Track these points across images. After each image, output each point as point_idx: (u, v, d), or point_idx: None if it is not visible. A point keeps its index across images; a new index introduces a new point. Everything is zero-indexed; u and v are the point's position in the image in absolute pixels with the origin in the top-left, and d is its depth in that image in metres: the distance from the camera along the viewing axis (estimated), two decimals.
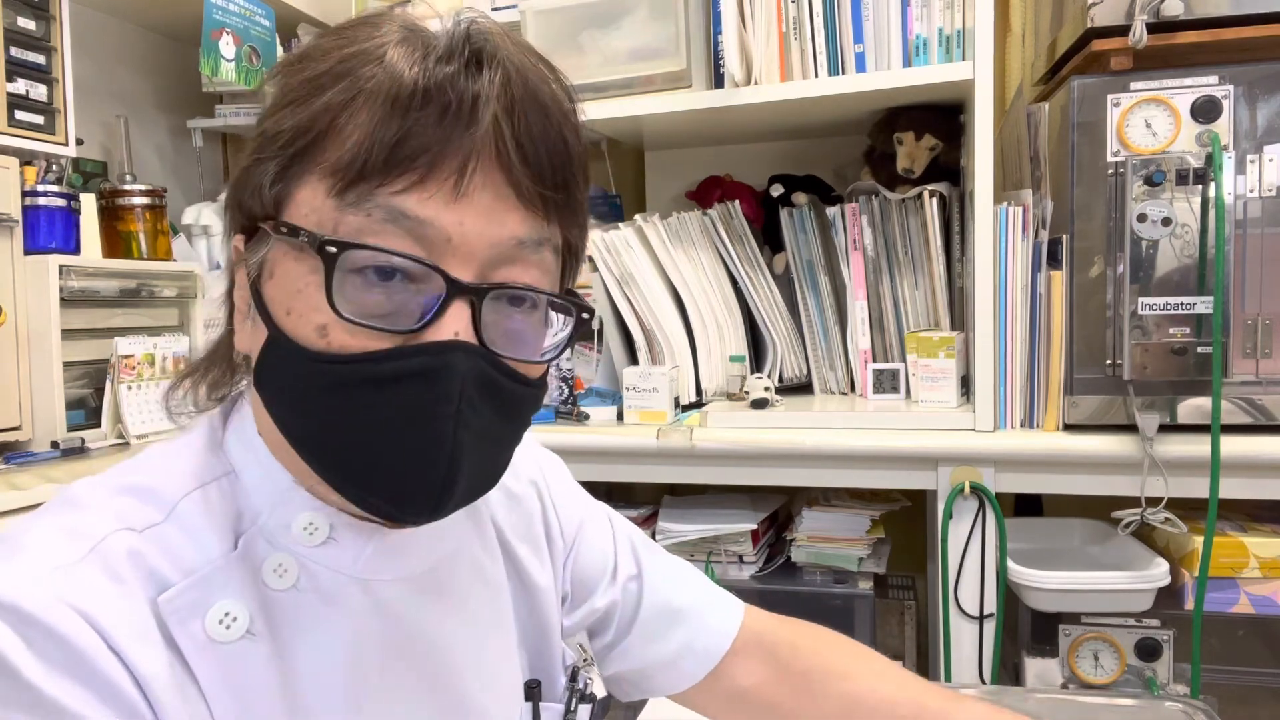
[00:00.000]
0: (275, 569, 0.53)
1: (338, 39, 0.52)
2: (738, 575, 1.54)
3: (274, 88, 0.53)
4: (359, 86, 0.49)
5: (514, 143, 0.51)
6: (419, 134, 0.49)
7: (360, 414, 0.50)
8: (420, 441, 0.50)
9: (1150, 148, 1.26)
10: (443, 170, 0.49)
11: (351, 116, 0.49)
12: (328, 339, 0.50)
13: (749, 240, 1.66)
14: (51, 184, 1.46)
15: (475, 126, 0.50)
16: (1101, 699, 1.13)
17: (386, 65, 0.49)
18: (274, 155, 0.51)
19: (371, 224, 0.49)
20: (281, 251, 0.51)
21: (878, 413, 1.46)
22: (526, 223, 0.52)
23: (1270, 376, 1.25)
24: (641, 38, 1.57)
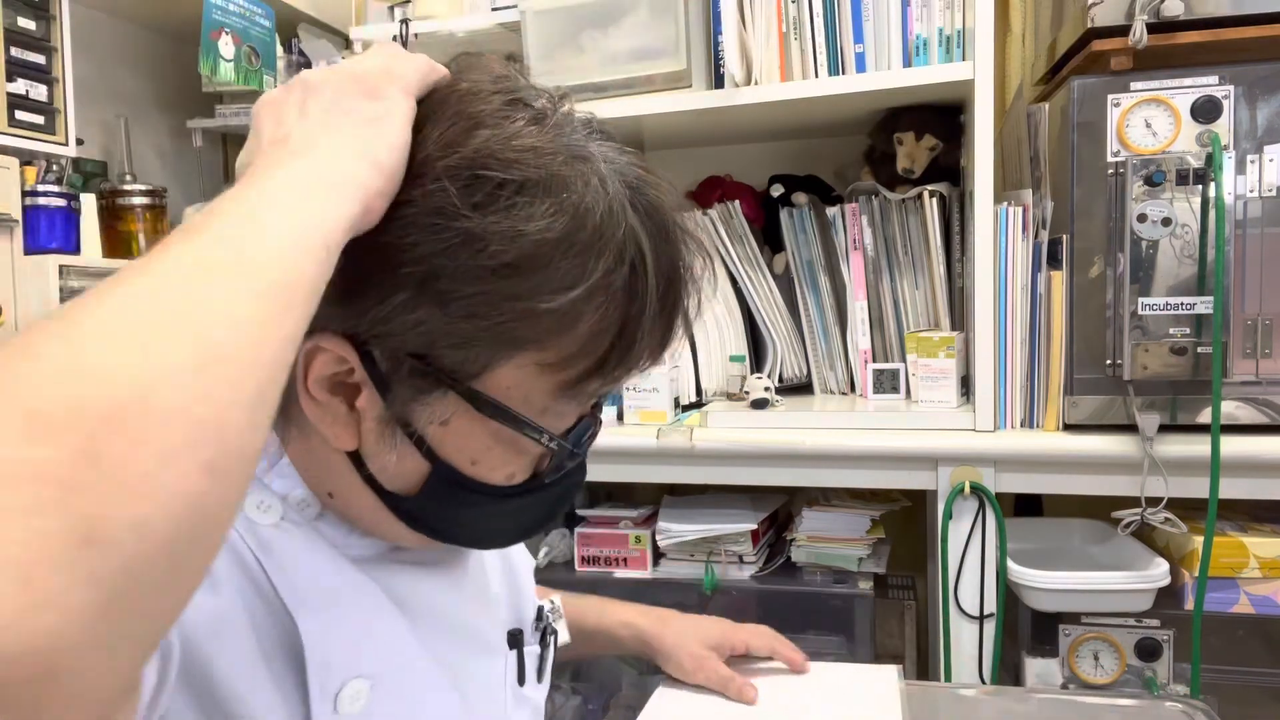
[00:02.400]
0: (259, 505, 0.56)
1: (545, 204, 0.50)
2: (738, 575, 1.54)
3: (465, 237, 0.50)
4: (609, 304, 0.52)
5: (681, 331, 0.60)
6: (648, 343, 0.55)
7: (527, 516, 0.63)
8: (552, 520, 0.75)
9: (1150, 148, 1.26)
10: (644, 362, 0.57)
11: (595, 330, 0.53)
12: (513, 480, 0.59)
13: (749, 240, 1.66)
14: (51, 184, 1.46)
15: (676, 328, 0.58)
16: (1101, 699, 1.13)
17: (641, 285, 0.53)
18: (483, 336, 0.51)
19: (571, 408, 0.58)
20: (465, 410, 0.54)
21: (878, 413, 1.46)
22: None
23: (1270, 376, 1.25)
24: (641, 38, 1.57)
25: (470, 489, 0.57)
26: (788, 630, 1.50)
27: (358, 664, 0.56)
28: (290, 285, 0.39)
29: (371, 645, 0.58)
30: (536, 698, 0.77)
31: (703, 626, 1.03)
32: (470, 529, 0.62)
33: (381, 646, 0.59)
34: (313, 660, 0.53)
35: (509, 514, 0.62)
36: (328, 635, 0.55)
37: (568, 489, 0.64)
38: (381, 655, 0.59)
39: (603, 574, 1.59)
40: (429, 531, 0.61)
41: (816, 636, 1.51)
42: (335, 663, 0.55)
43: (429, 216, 0.49)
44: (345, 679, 0.55)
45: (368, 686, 0.56)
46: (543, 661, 0.78)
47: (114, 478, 0.30)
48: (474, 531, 0.63)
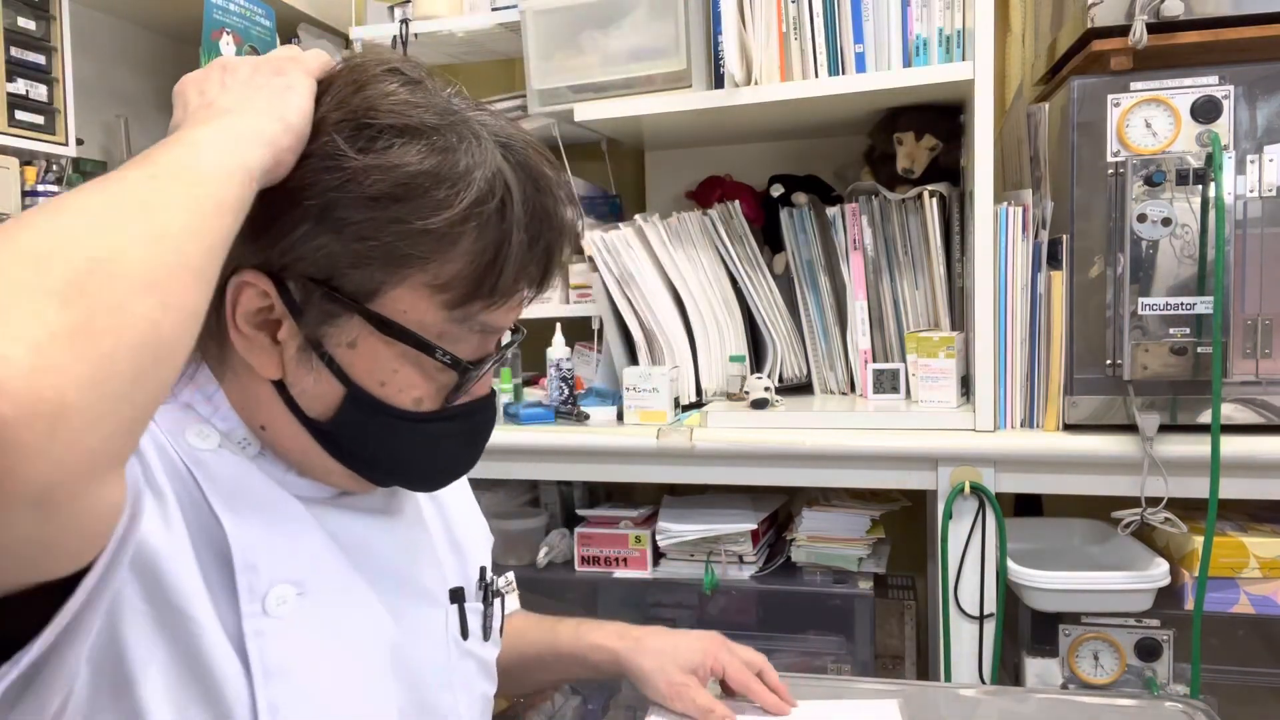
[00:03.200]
0: (198, 434, 0.64)
1: (434, 143, 0.61)
2: (738, 575, 1.54)
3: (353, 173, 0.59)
4: (482, 222, 0.61)
5: (556, 268, 0.68)
6: (522, 273, 0.64)
7: (438, 448, 0.69)
8: (471, 458, 0.73)
9: (1150, 148, 1.26)
10: (522, 293, 0.66)
11: (475, 252, 0.61)
12: (421, 405, 0.65)
13: (749, 240, 1.66)
14: (52, 184, 1.46)
15: (552, 262, 0.67)
16: (1101, 699, 1.13)
17: (509, 214, 0.62)
18: (374, 257, 0.60)
19: (466, 335, 0.65)
20: (371, 333, 0.62)
21: (878, 413, 1.46)
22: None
23: (1270, 376, 1.25)
24: (641, 38, 1.57)
25: (381, 412, 0.64)
26: (787, 630, 1.51)
27: (285, 570, 0.62)
28: (219, 199, 0.51)
29: (300, 556, 0.64)
30: (483, 654, 0.82)
31: (682, 648, 0.96)
32: (387, 458, 0.67)
33: (309, 559, 0.65)
34: (240, 562, 0.60)
35: (422, 444, 0.68)
36: (255, 541, 0.61)
37: (477, 425, 0.71)
38: (309, 566, 0.64)
39: (603, 574, 1.59)
40: (350, 460, 0.67)
41: (816, 636, 1.51)
42: (262, 566, 0.61)
43: (323, 160, 0.59)
44: (273, 582, 0.61)
45: (294, 592, 0.62)
46: (487, 619, 0.81)
47: (97, 300, 0.42)
48: (392, 461, 0.68)
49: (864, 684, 1.18)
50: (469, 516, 0.90)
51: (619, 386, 1.59)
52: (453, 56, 1.99)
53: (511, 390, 1.69)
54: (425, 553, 0.78)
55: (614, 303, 1.63)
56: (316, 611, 0.64)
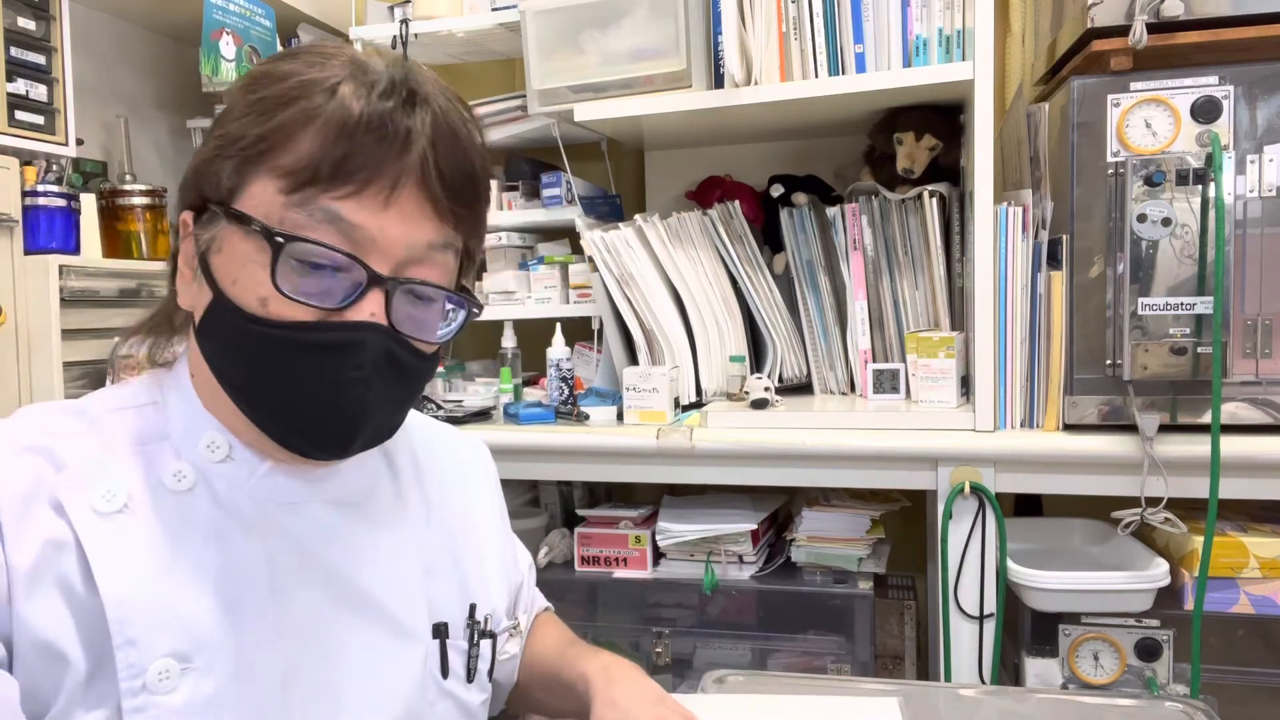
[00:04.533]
0: (175, 474, 0.66)
1: (295, 63, 0.64)
2: (738, 575, 1.54)
3: (235, 97, 0.65)
4: (314, 111, 0.61)
5: (436, 170, 0.64)
6: (359, 155, 0.61)
7: (289, 371, 0.63)
8: (335, 400, 0.64)
9: (1150, 148, 1.26)
10: (375, 186, 0.62)
11: (306, 135, 0.61)
12: (268, 308, 0.62)
13: (749, 240, 1.66)
14: (51, 184, 1.46)
15: (406, 154, 0.62)
16: (1101, 699, 1.13)
17: (338, 97, 0.61)
18: (233, 155, 0.62)
19: (311, 222, 0.61)
20: (231, 232, 0.63)
21: (878, 413, 1.46)
22: (438, 231, 0.65)
23: (1270, 376, 1.25)
24: (641, 38, 1.57)
25: (232, 313, 0.63)
26: (787, 630, 1.51)
27: (171, 641, 0.61)
28: None
29: (198, 620, 0.63)
30: (466, 697, 0.78)
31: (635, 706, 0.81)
32: (243, 377, 0.65)
33: (215, 619, 0.63)
34: (118, 638, 0.60)
35: (267, 361, 0.63)
36: (140, 613, 0.61)
37: (334, 346, 0.63)
38: (210, 628, 0.63)
39: (603, 574, 1.59)
40: (223, 383, 0.66)
41: (816, 636, 1.51)
42: (143, 640, 0.60)
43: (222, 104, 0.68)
44: (155, 656, 0.61)
45: (179, 665, 0.61)
46: (472, 660, 0.78)
47: None
48: (247, 383, 0.65)
49: (864, 684, 1.18)
50: (489, 552, 0.86)
51: (619, 386, 1.59)
52: (453, 56, 1.99)
53: (511, 390, 1.70)
54: (410, 579, 0.75)
55: (614, 303, 1.63)
56: (208, 682, 0.62)
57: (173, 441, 0.68)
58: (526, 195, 1.85)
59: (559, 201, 1.78)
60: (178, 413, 0.69)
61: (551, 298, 1.79)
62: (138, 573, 0.62)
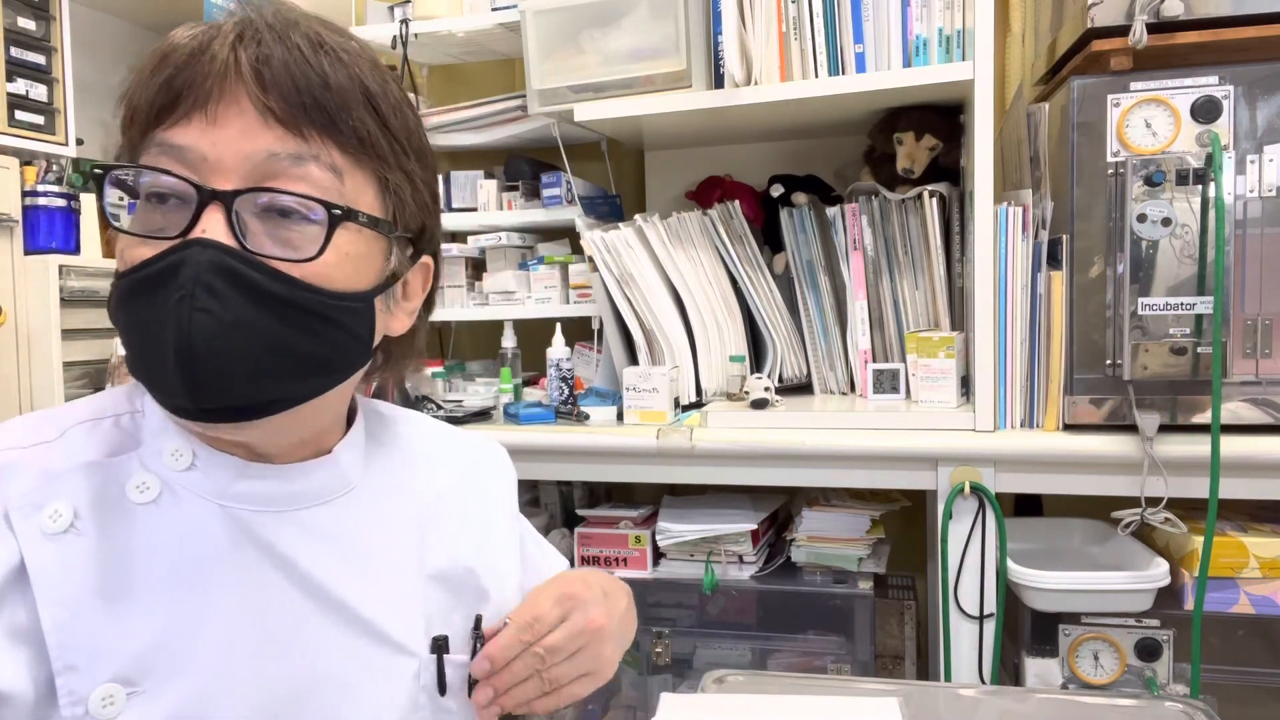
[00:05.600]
0: (138, 486, 0.63)
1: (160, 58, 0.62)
2: (738, 575, 1.54)
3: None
4: (149, 60, 0.61)
5: (253, 71, 0.59)
6: (178, 80, 0.59)
7: (132, 318, 0.60)
8: (159, 329, 0.58)
9: (1150, 148, 1.26)
10: (197, 106, 0.59)
11: (142, 83, 0.61)
12: (125, 259, 0.60)
13: (749, 240, 1.66)
14: (51, 184, 1.46)
15: (234, 70, 0.59)
16: (1101, 699, 1.13)
17: (169, 40, 0.61)
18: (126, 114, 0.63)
19: (150, 159, 0.60)
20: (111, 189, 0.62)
21: (878, 413, 1.46)
22: (280, 140, 0.60)
23: (1270, 376, 1.25)
24: (641, 38, 1.57)
25: (115, 276, 0.62)
26: (787, 630, 1.51)
27: (115, 666, 0.59)
28: None
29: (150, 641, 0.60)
30: (463, 712, 0.73)
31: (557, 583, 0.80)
32: (125, 345, 0.62)
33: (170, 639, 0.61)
34: (58, 664, 0.57)
35: (124, 315, 0.61)
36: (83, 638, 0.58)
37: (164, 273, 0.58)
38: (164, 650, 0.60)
39: None
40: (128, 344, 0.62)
41: (816, 636, 1.51)
42: (85, 665, 0.58)
43: None
44: (97, 682, 0.58)
45: (124, 691, 0.59)
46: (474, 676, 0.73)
47: None
48: (127, 349, 0.62)
49: (864, 684, 1.18)
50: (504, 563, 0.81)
51: (619, 386, 1.59)
52: (453, 56, 1.99)
53: (511, 390, 1.70)
54: (403, 588, 0.72)
55: (614, 303, 1.63)
56: (160, 706, 0.59)
57: (140, 452, 0.64)
58: (526, 195, 1.85)
59: (559, 201, 1.78)
60: (152, 421, 0.66)
61: (551, 298, 1.79)
62: (81, 595, 0.59)
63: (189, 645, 0.61)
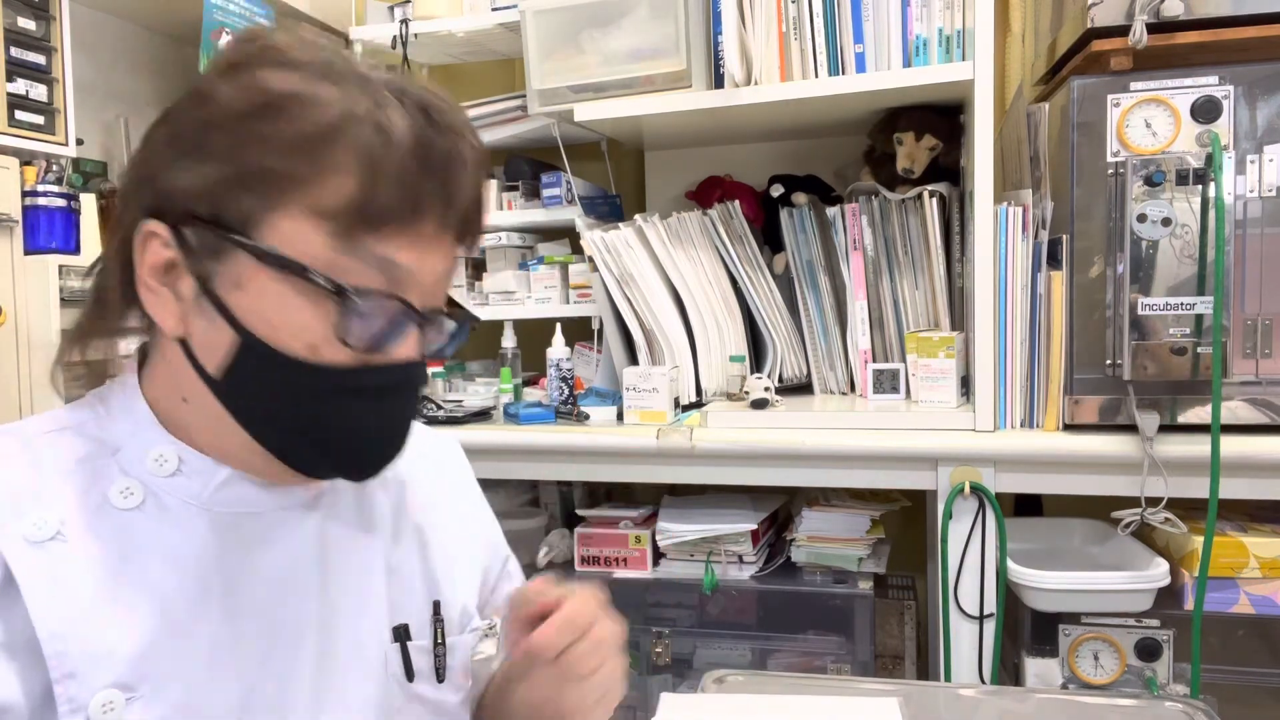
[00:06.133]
0: (122, 491, 0.63)
1: (317, 84, 0.59)
2: (738, 575, 1.54)
3: (237, 120, 0.58)
4: (356, 150, 0.57)
5: (462, 209, 0.62)
6: (403, 194, 0.59)
7: (342, 413, 0.62)
8: (385, 434, 0.65)
9: (1150, 148, 1.26)
10: (416, 223, 0.60)
11: (348, 174, 0.57)
12: (318, 354, 0.60)
13: (749, 240, 1.66)
14: (51, 184, 1.46)
15: (445, 186, 0.60)
16: (1101, 699, 1.13)
17: (377, 132, 0.58)
18: (255, 187, 0.58)
19: (361, 267, 0.59)
20: (258, 271, 0.59)
21: (878, 413, 1.46)
22: (449, 257, 0.64)
23: (1270, 376, 1.25)
24: (641, 38, 1.57)
25: (273, 360, 0.59)
26: (787, 630, 1.51)
27: (113, 672, 0.59)
28: None
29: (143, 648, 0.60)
30: (437, 697, 0.75)
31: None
32: (286, 422, 0.62)
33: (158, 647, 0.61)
34: (56, 672, 0.57)
35: (320, 406, 0.61)
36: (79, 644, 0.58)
37: (387, 392, 0.63)
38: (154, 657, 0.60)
39: (603, 574, 1.59)
40: (253, 426, 0.62)
41: (816, 636, 1.51)
42: (83, 672, 0.58)
43: (195, 99, 0.60)
44: (95, 689, 0.58)
45: (123, 696, 0.59)
46: (440, 659, 0.75)
47: None
48: (291, 427, 0.62)
49: (864, 684, 1.18)
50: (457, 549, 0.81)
51: (619, 386, 1.59)
52: (453, 56, 1.99)
53: (511, 390, 1.70)
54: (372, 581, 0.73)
55: (614, 303, 1.63)
56: (156, 710, 0.60)
57: (119, 458, 0.64)
58: (526, 195, 1.85)
59: (559, 201, 1.78)
60: (124, 427, 0.65)
61: (551, 298, 1.79)
62: (75, 602, 0.59)
63: (181, 648, 0.62)
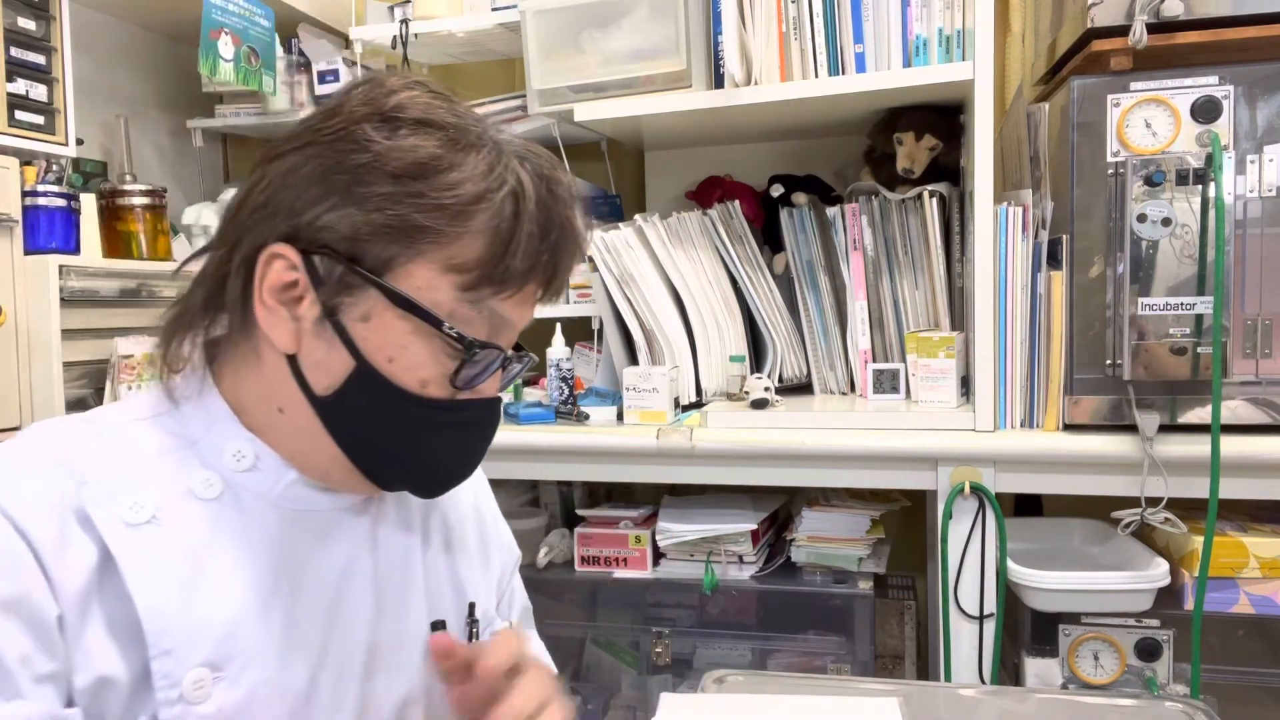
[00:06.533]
0: (204, 481, 0.67)
1: (465, 155, 0.64)
2: (738, 575, 1.54)
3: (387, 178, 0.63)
4: (494, 218, 0.64)
5: (564, 274, 0.70)
6: (531, 262, 0.66)
7: (434, 441, 0.69)
8: (466, 462, 0.73)
9: (1150, 148, 1.26)
10: (528, 285, 0.68)
11: (484, 237, 0.64)
12: (426, 389, 0.66)
13: (749, 240, 1.66)
14: (51, 184, 1.46)
15: (555, 261, 0.68)
16: (1101, 699, 1.13)
17: (522, 206, 0.65)
18: (400, 238, 0.63)
19: (477, 318, 0.66)
20: (386, 308, 0.64)
21: (878, 413, 1.46)
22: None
23: (1270, 376, 1.25)
24: (641, 38, 1.57)
25: (385, 390, 0.66)
26: (787, 630, 1.51)
27: (204, 650, 0.63)
28: None
29: (227, 627, 0.64)
30: None
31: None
32: (386, 445, 0.68)
33: (240, 628, 0.65)
34: (154, 648, 0.61)
35: (420, 434, 0.68)
36: (174, 622, 0.62)
37: (478, 425, 0.71)
38: (237, 637, 0.64)
39: (603, 574, 1.59)
40: (350, 445, 0.68)
41: (816, 636, 1.51)
42: (179, 649, 0.62)
43: (350, 144, 0.63)
44: (189, 666, 0.62)
45: (211, 674, 0.63)
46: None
47: None
48: (389, 450, 0.68)
49: (864, 684, 1.18)
50: (479, 542, 0.88)
51: (619, 386, 1.59)
52: (453, 56, 1.99)
53: (512, 390, 1.69)
54: (417, 580, 0.78)
55: (614, 303, 1.63)
56: (239, 690, 0.64)
57: (197, 450, 0.68)
58: None
59: None
60: (198, 422, 0.69)
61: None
62: (170, 583, 0.62)
63: (258, 634, 0.65)
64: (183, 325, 0.70)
